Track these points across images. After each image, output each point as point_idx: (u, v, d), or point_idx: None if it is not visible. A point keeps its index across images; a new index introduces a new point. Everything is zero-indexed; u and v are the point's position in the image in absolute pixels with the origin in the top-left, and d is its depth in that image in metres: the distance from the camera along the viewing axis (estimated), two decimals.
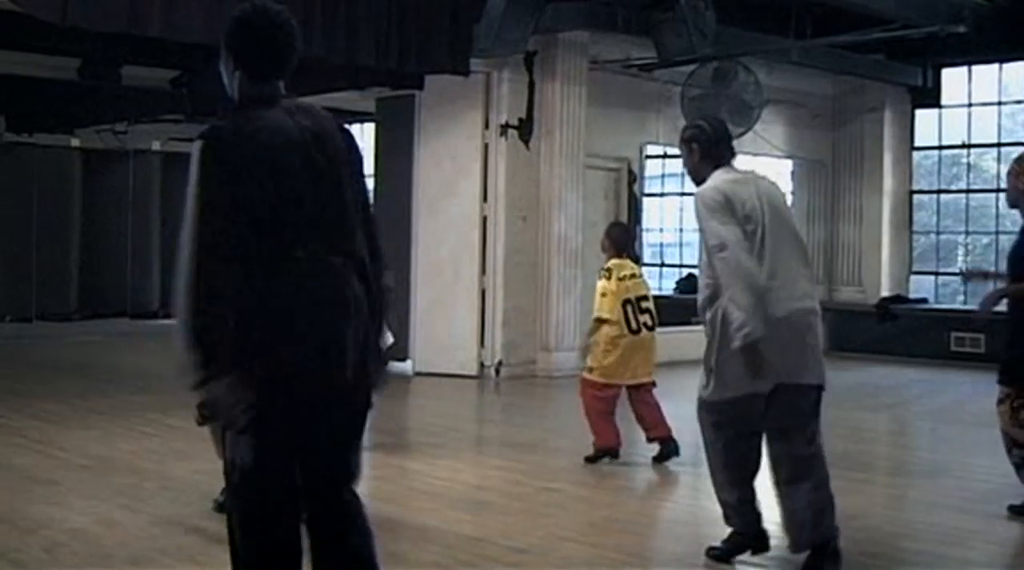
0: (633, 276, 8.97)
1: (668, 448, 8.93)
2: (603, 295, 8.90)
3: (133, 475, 8.18)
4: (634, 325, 8.81)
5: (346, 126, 4.30)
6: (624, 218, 16.00)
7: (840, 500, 6.05)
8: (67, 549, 6.32)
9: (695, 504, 7.90)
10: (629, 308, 8.82)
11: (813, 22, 15.18)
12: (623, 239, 9.27)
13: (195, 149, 3.95)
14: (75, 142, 21.04)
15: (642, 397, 9.03)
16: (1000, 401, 7.40)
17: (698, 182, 6.11)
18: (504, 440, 10.23)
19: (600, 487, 8.52)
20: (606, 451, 8.90)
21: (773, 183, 6.29)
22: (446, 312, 14.37)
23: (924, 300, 18.85)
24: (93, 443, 9.44)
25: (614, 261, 9.02)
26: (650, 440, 9.03)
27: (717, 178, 6.03)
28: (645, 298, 8.96)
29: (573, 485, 8.46)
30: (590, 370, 8.96)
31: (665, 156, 19.60)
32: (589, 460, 8.90)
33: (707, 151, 6.14)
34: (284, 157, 4.01)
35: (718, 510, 6.28)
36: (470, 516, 7.26)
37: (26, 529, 6.71)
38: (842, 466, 9.27)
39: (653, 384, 9.09)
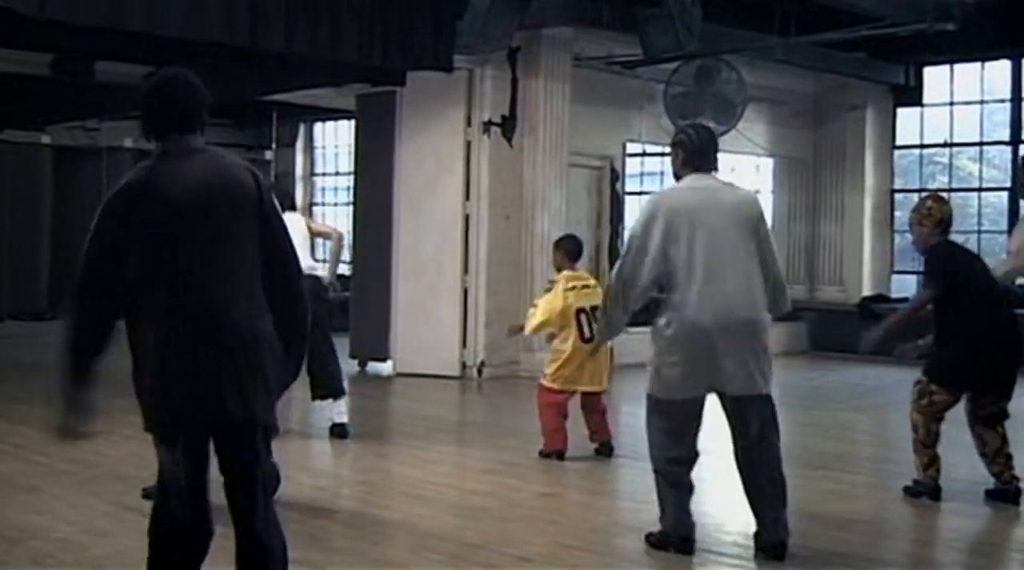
0: (586, 286, 9.21)
1: (604, 450, 9.26)
2: (534, 306, 9.43)
3: (118, 481, 7.93)
4: (587, 334, 8.91)
5: (255, 172, 4.55)
6: (607, 216, 15.90)
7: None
8: (55, 560, 6.11)
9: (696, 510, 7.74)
10: (583, 317, 9.00)
11: (796, 20, 15.07)
12: (576, 250, 9.56)
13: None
14: (46, 139, 20.79)
15: (593, 404, 9.33)
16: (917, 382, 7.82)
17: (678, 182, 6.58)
18: (493, 443, 10.03)
19: (597, 492, 8.40)
20: (553, 453, 9.11)
21: (747, 198, 6.60)
22: (428, 312, 14.16)
23: (906, 299, 18.70)
24: (74, 448, 9.17)
25: (567, 273, 9.28)
26: (592, 441, 9.34)
27: (680, 183, 6.51)
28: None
29: (569, 489, 8.35)
30: (548, 377, 9.21)
31: (644, 154, 19.46)
32: (543, 455, 9.13)
33: (688, 157, 6.50)
34: (179, 205, 4.26)
35: (720, 515, 6.17)
36: (469, 523, 7.07)
37: (12, 539, 6.49)
38: (836, 467, 9.24)
39: (604, 391, 9.38)
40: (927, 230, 7.84)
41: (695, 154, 6.47)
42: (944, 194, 18.62)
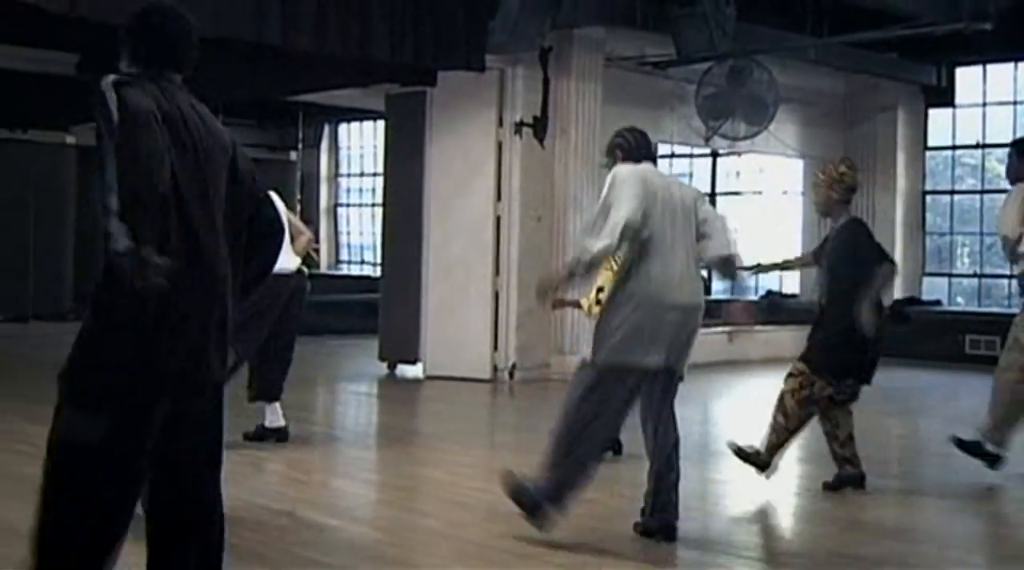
0: None
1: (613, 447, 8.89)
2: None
3: None
4: None
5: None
6: None
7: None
8: None
9: (736, 505, 7.63)
10: None
11: (829, 19, 14.93)
12: None
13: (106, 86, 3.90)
14: (70, 139, 20.67)
15: None
16: (791, 374, 7.93)
17: None
18: (527, 447, 9.81)
19: (637, 498, 8.22)
20: None
21: (689, 187, 7.04)
22: (458, 314, 14.02)
23: (938, 302, 18.60)
24: None
25: None
26: None
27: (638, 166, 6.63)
28: None
29: (607, 495, 8.14)
30: None
31: (672, 155, 19.36)
32: None
33: (628, 157, 6.69)
34: (180, 129, 4.07)
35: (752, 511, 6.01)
36: (510, 529, 6.90)
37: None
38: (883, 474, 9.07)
39: None
40: (836, 196, 7.85)
41: (634, 151, 6.71)
42: (975, 195, 18.80)
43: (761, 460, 8.02)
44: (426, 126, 14.37)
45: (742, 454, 8.12)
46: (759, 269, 9.00)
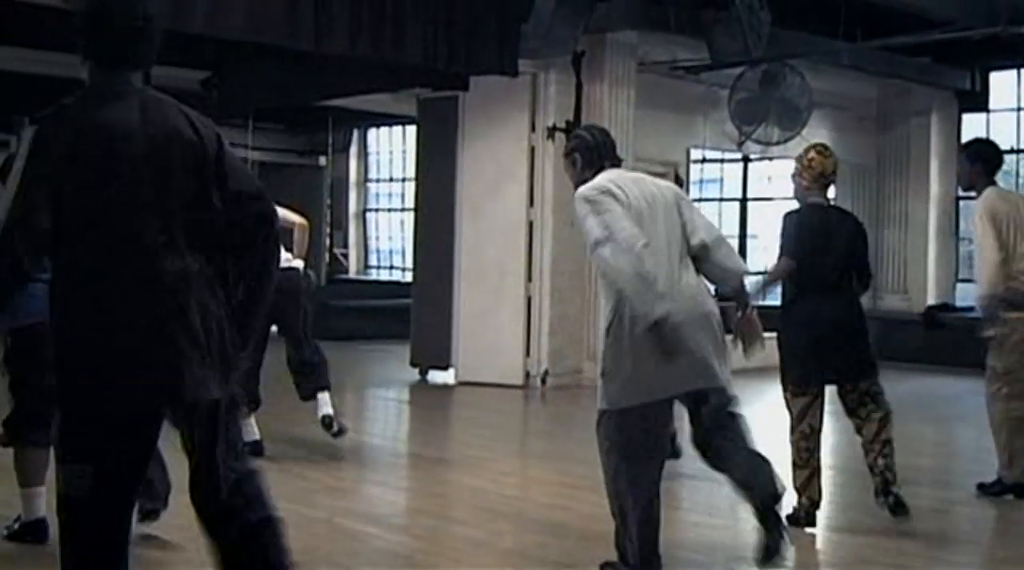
0: None
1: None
2: None
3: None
4: None
5: (202, 118, 4.06)
6: None
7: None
8: None
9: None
10: None
11: (863, 24, 14.83)
12: None
13: (26, 133, 3.82)
14: None
15: None
16: None
17: None
18: (563, 455, 9.82)
19: (674, 507, 8.09)
20: None
21: (665, 184, 6.02)
22: (490, 319, 13.94)
23: (972, 308, 18.41)
24: None
25: None
26: None
27: (598, 177, 5.72)
28: None
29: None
30: None
31: (704, 161, 19.27)
32: None
33: (590, 158, 5.86)
34: (111, 154, 3.84)
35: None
36: (552, 540, 6.85)
37: None
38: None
39: None
40: (805, 183, 7.25)
41: (595, 150, 5.87)
42: None
43: (805, 515, 7.14)
44: (458, 131, 14.32)
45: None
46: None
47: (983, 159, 8.26)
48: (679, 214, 5.75)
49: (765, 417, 8.58)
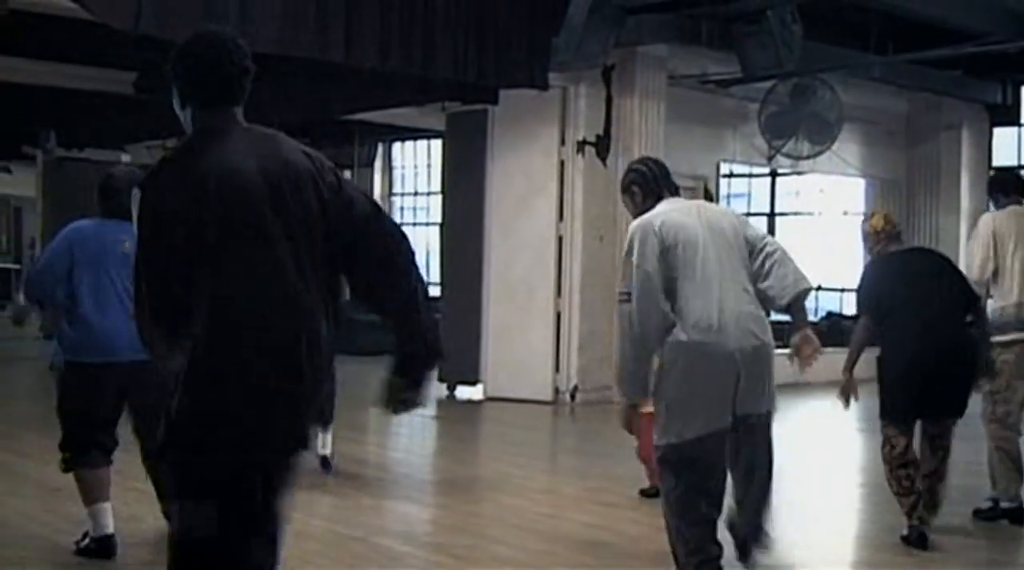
0: None
1: None
2: None
3: None
4: None
5: (312, 152, 3.91)
6: None
7: None
8: None
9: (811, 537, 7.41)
10: None
11: (893, 37, 14.73)
12: None
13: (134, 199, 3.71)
14: (125, 158, 20.66)
15: None
16: None
17: None
18: (596, 472, 9.71)
19: None
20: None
21: (725, 211, 6.17)
22: (519, 335, 13.83)
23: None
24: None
25: None
26: None
27: (657, 208, 5.78)
28: None
29: None
30: None
31: (731, 175, 19.15)
32: (646, 494, 8.30)
33: (649, 188, 5.89)
34: (238, 196, 3.68)
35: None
36: (594, 559, 6.76)
37: None
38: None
39: None
40: (878, 248, 7.47)
41: (655, 182, 5.89)
42: None
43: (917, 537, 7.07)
44: (487, 144, 14.24)
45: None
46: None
47: (995, 188, 8.50)
48: (744, 238, 5.74)
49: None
